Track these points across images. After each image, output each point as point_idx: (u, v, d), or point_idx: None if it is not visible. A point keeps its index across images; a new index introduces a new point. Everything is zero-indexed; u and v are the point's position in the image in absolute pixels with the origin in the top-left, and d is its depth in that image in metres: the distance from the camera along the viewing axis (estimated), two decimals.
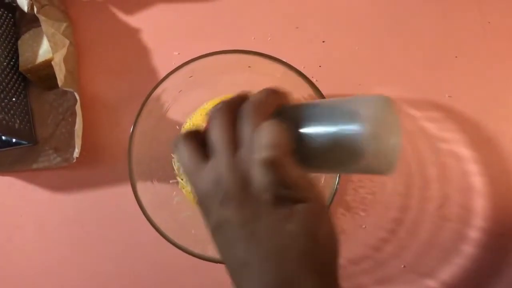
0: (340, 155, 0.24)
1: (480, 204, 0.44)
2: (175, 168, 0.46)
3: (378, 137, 0.23)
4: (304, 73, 0.39)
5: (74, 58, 0.51)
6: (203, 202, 0.26)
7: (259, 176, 0.24)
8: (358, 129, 0.23)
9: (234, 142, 0.25)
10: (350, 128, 0.24)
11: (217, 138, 0.26)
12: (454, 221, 0.45)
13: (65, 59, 0.48)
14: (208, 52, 0.40)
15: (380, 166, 0.24)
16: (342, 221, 0.46)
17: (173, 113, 0.46)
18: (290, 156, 0.24)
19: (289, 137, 0.24)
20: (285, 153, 0.24)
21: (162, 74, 0.46)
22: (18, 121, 0.49)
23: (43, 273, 0.49)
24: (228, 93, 0.46)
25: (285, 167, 0.24)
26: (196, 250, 0.39)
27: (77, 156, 0.47)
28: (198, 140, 0.28)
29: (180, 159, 0.28)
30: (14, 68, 0.50)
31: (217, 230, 0.26)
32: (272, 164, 0.23)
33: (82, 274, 0.49)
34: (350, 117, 0.24)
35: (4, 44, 0.50)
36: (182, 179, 0.45)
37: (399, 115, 0.25)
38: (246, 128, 0.25)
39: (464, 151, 0.45)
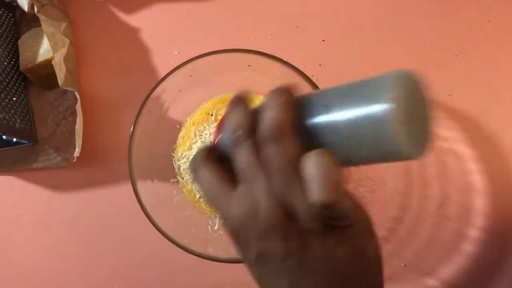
0: (363, 143, 0.22)
1: (480, 203, 0.45)
2: (175, 167, 0.46)
3: (403, 118, 0.20)
4: (304, 72, 0.39)
5: (74, 58, 0.51)
6: (238, 232, 0.25)
7: (307, 212, 0.22)
8: (382, 111, 0.20)
9: (264, 167, 0.23)
10: (372, 111, 0.21)
11: (247, 164, 0.24)
12: (454, 220, 0.45)
13: (65, 59, 0.48)
14: (208, 51, 0.40)
15: (410, 149, 0.21)
16: None
17: (173, 113, 0.46)
18: (344, 187, 0.23)
19: (341, 169, 0.22)
20: (340, 188, 0.22)
21: (162, 73, 0.46)
22: (18, 121, 0.49)
23: (44, 273, 0.49)
24: (228, 92, 0.46)
25: (340, 204, 0.22)
26: (197, 249, 0.39)
27: (78, 155, 0.47)
28: (217, 159, 0.26)
29: (203, 185, 0.26)
30: (15, 68, 0.50)
31: (257, 262, 0.24)
32: (327, 204, 0.22)
33: (82, 274, 0.49)
34: (371, 99, 0.21)
35: (5, 44, 0.50)
36: (182, 178, 0.46)
37: (425, 89, 0.22)
38: (273, 158, 0.23)
39: (464, 149, 0.45)
